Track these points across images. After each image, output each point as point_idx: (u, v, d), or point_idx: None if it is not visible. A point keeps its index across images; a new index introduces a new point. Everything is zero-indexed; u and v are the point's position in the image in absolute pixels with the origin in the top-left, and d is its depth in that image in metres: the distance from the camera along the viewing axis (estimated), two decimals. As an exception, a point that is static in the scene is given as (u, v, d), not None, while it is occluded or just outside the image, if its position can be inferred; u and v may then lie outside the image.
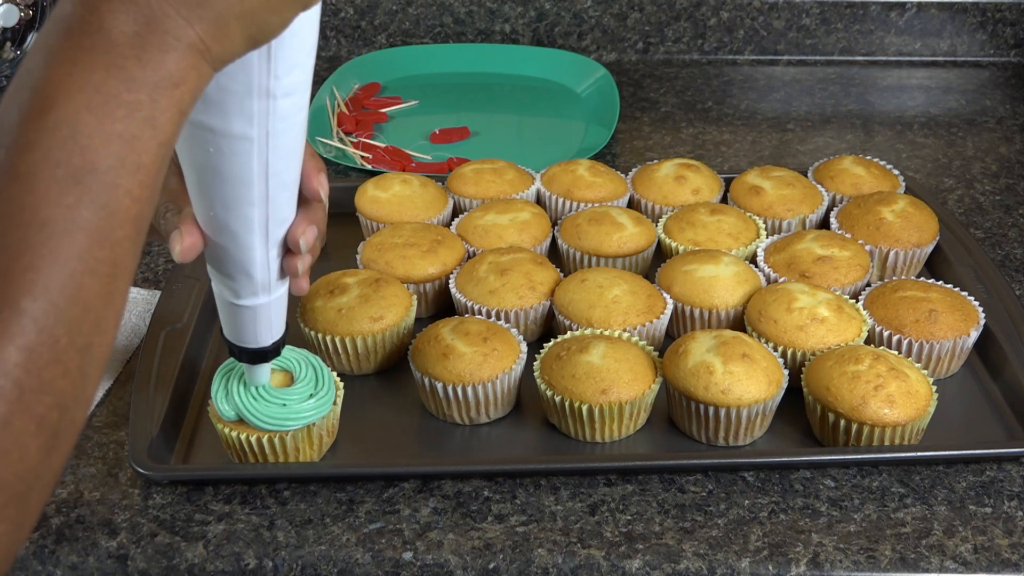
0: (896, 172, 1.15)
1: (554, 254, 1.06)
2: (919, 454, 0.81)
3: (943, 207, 1.13)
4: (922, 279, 0.97)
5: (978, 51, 1.56)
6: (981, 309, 0.94)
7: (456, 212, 1.12)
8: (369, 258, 1.00)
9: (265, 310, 0.71)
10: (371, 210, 1.07)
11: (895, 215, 1.03)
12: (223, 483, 0.80)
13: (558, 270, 0.98)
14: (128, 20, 0.45)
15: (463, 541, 0.75)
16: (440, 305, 1.01)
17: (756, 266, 1.00)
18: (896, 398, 0.81)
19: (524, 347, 0.89)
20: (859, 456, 0.82)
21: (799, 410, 0.87)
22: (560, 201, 1.10)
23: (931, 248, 1.04)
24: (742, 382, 0.82)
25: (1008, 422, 0.87)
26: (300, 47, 0.59)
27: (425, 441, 0.87)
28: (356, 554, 0.75)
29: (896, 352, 0.89)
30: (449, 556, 0.74)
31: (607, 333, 0.89)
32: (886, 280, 0.98)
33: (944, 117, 1.41)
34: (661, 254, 1.05)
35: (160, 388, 0.87)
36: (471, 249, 1.03)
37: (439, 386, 0.85)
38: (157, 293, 1.00)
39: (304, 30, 0.58)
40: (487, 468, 0.81)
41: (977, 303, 0.94)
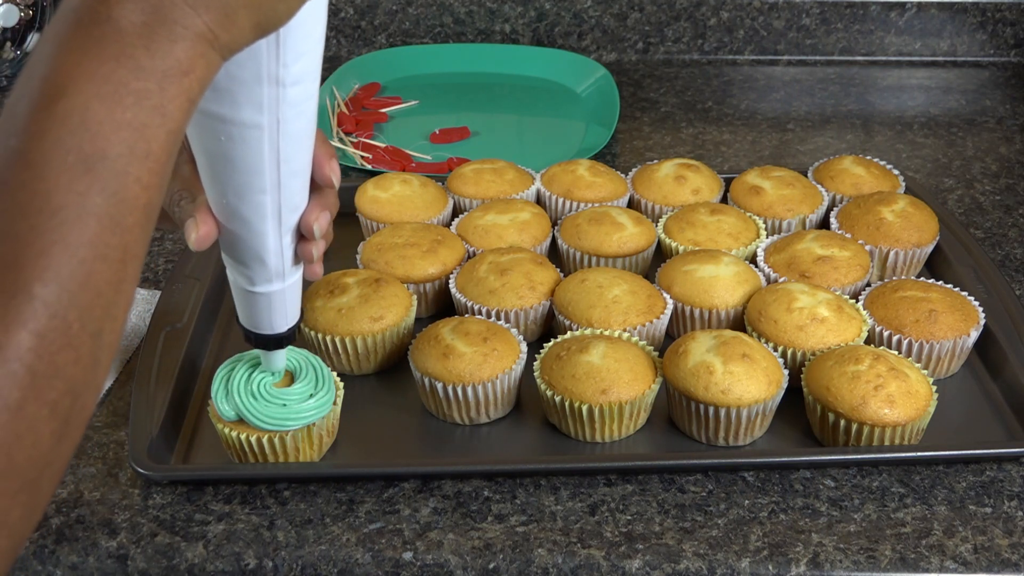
0: (896, 172, 1.15)
1: (554, 254, 1.06)
2: (919, 454, 0.81)
3: (943, 207, 1.13)
4: (922, 279, 0.97)
5: (978, 51, 1.56)
6: (981, 309, 0.94)
7: (456, 212, 1.12)
8: (369, 258, 1.00)
9: (280, 296, 0.71)
10: (371, 210, 1.07)
11: (895, 215, 1.03)
12: (223, 483, 0.80)
13: (558, 270, 0.98)
14: (136, 10, 0.46)
15: (463, 541, 0.75)
16: (440, 305, 1.01)
17: (756, 266, 1.00)
18: (896, 398, 0.81)
19: (524, 347, 0.89)
20: (859, 456, 0.82)
21: (799, 410, 0.87)
22: (560, 201, 1.10)
23: (931, 248, 1.04)
24: (742, 382, 0.82)
25: (1008, 422, 0.87)
26: (309, 34, 0.59)
27: (425, 441, 0.87)
28: (356, 554, 0.75)
29: (896, 352, 0.89)
30: (449, 556, 0.74)
31: (607, 333, 0.89)
32: (886, 280, 0.98)
33: (944, 117, 1.41)
34: (661, 254, 1.05)
35: (160, 388, 0.87)
36: (471, 249, 1.03)
37: (439, 386, 0.85)
38: (157, 293, 1.00)
39: (312, 17, 0.58)
40: (487, 468, 0.81)
41: (977, 303, 0.94)
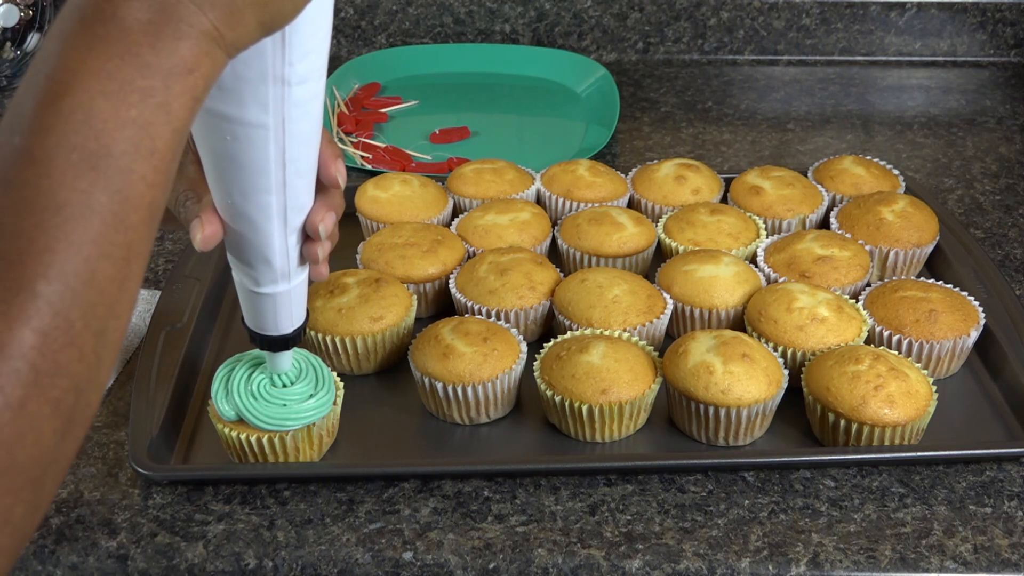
0: (896, 172, 1.15)
1: (554, 254, 1.06)
2: (919, 454, 0.81)
3: (943, 207, 1.13)
4: (922, 279, 0.97)
5: (978, 51, 1.56)
6: (981, 309, 0.94)
7: (456, 212, 1.12)
8: (369, 258, 1.00)
9: (285, 297, 0.71)
10: (371, 210, 1.07)
11: (895, 215, 1.03)
12: (223, 483, 0.80)
13: (558, 270, 0.98)
14: (142, 8, 0.46)
15: (463, 541, 0.75)
16: (440, 305, 1.01)
17: (756, 266, 1.00)
18: (896, 398, 0.81)
19: (524, 347, 0.89)
20: (859, 456, 0.82)
21: (799, 410, 0.87)
22: (560, 201, 1.10)
23: (931, 248, 1.04)
24: (742, 382, 0.82)
25: (1008, 422, 0.87)
26: (314, 33, 0.59)
27: (425, 441, 0.87)
28: (356, 554, 0.75)
29: (896, 352, 0.89)
30: (449, 556, 0.74)
31: (607, 333, 0.89)
32: (886, 280, 0.98)
33: (944, 117, 1.41)
34: (661, 254, 1.05)
35: (160, 388, 0.87)
36: (471, 249, 1.03)
37: (439, 386, 0.85)
38: (157, 293, 1.00)
39: (318, 16, 0.58)
40: (487, 468, 0.81)
41: (977, 303, 0.94)
